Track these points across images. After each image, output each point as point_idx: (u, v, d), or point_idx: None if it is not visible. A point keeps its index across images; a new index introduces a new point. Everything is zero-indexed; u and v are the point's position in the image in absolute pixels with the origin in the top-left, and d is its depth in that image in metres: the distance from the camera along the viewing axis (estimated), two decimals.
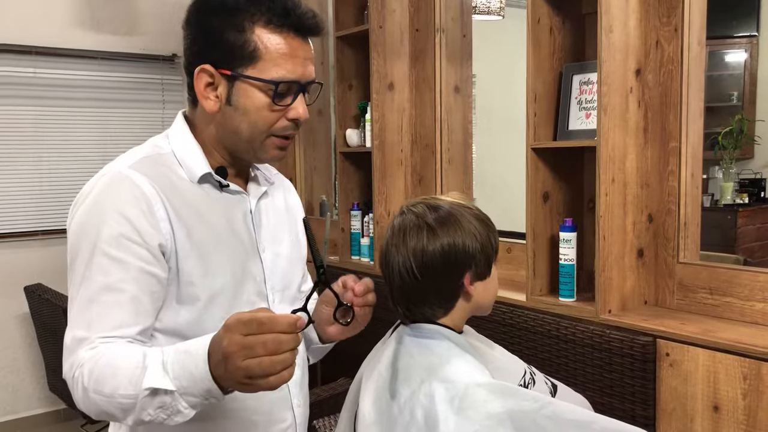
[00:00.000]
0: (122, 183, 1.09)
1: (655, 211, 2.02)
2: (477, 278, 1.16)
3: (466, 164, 2.95)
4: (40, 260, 3.75)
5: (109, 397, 0.97)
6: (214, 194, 1.18)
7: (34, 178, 3.73)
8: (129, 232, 1.06)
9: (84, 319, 1.05)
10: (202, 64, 1.11)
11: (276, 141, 1.15)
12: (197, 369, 0.92)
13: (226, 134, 1.16)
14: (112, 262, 1.05)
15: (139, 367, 0.95)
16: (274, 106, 1.11)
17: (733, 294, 1.85)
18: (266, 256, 1.22)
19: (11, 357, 3.72)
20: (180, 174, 1.15)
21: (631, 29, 1.94)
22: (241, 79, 1.10)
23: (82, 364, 1.01)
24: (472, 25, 2.94)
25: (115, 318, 1.04)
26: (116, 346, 1.02)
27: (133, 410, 0.96)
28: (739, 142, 4.69)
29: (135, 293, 1.06)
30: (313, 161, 3.76)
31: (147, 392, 0.94)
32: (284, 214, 1.32)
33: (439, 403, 1.05)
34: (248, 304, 1.17)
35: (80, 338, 1.04)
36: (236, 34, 1.09)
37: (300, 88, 1.13)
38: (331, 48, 3.45)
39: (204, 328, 1.06)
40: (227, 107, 1.13)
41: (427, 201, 1.17)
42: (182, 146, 1.17)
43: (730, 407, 1.66)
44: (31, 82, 3.67)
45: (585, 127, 2.07)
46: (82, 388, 1.00)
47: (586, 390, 1.89)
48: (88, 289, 1.05)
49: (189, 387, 0.93)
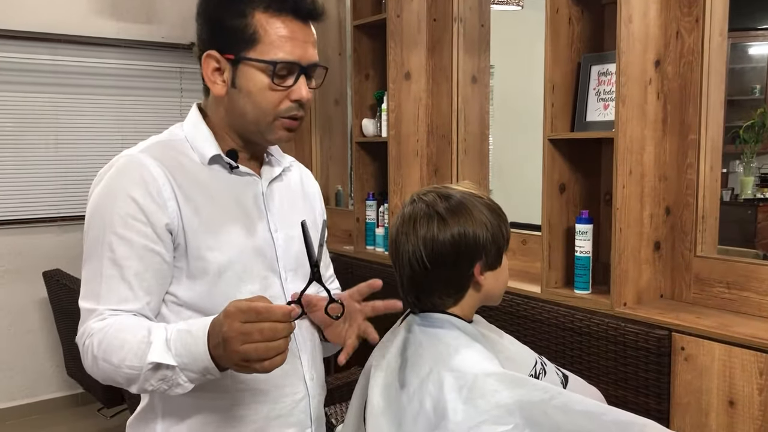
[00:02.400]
0: (132, 165, 1.16)
1: (672, 204, 2.00)
2: (487, 268, 1.15)
3: (483, 155, 2.94)
4: (58, 246, 3.80)
5: (116, 367, 1.06)
6: (224, 175, 1.23)
7: (53, 164, 3.77)
8: (135, 212, 1.13)
9: (93, 292, 1.13)
10: (209, 50, 1.18)
11: (284, 122, 1.19)
12: (197, 348, 1.00)
13: (234, 117, 1.21)
14: (119, 240, 1.12)
15: (145, 342, 1.04)
16: (275, 86, 1.16)
17: (751, 288, 1.83)
18: (278, 236, 1.26)
19: (30, 341, 3.77)
20: (191, 157, 1.21)
21: (650, 19, 1.91)
22: (243, 62, 1.15)
23: (92, 334, 1.10)
24: (491, 14, 2.91)
25: (121, 292, 1.12)
26: (124, 319, 1.11)
27: (137, 380, 1.05)
28: (760, 136, 4.63)
29: (138, 270, 1.13)
30: (329, 151, 3.77)
31: (150, 366, 1.02)
32: (300, 198, 1.37)
33: (448, 392, 1.04)
34: (259, 278, 1.22)
35: (90, 309, 1.13)
36: (238, 20, 1.15)
37: (301, 70, 1.17)
38: (348, 37, 3.45)
39: (215, 301, 1.13)
40: (233, 90, 1.18)
41: (438, 190, 1.17)
42: (194, 131, 1.24)
43: (745, 402, 1.65)
44: (50, 70, 3.69)
45: (603, 119, 2.05)
46: (92, 356, 1.09)
47: (600, 383, 1.88)
48: (97, 265, 1.13)
49: (189, 364, 1.02)
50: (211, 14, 1.19)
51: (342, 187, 3.77)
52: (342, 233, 3.47)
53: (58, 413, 3.79)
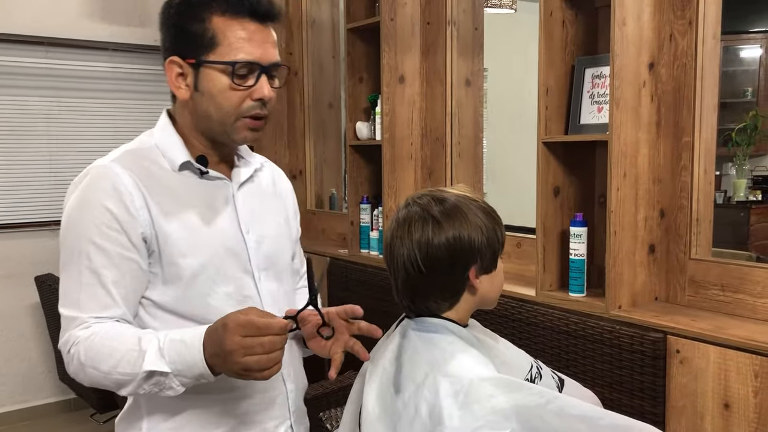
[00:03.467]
0: (104, 176, 1.19)
1: (667, 207, 2.00)
2: (483, 272, 1.14)
3: (477, 158, 2.93)
4: (50, 251, 3.77)
5: (106, 374, 1.12)
6: (195, 181, 1.26)
7: (46, 168, 3.75)
8: (110, 222, 1.17)
9: (73, 300, 1.17)
10: (172, 56, 1.22)
11: (247, 122, 1.22)
12: (192, 357, 1.08)
13: (199, 120, 1.25)
14: (96, 249, 1.16)
15: (136, 350, 1.10)
16: (236, 86, 1.19)
17: (746, 291, 1.83)
18: (250, 237, 1.29)
19: (22, 346, 3.75)
20: (161, 164, 1.24)
21: (644, 22, 1.91)
22: (204, 65, 1.19)
23: (77, 342, 1.14)
24: (484, 18, 2.92)
25: (100, 299, 1.16)
26: (109, 327, 1.15)
27: (127, 385, 1.11)
28: (752, 138, 4.65)
29: (116, 277, 1.17)
30: (323, 154, 3.76)
31: (145, 374, 1.09)
32: (272, 198, 1.41)
33: (443, 397, 1.03)
34: (233, 279, 1.25)
35: (72, 317, 1.17)
36: (197, 25, 1.19)
37: (262, 70, 1.20)
38: (342, 40, 3.45)
39: (192, 303, 1.21)
40: (196, 93, 1.22)
41: (432, 193, 1.16)
42: (163, 138, 1.27)
43: (741, 405, 1.64)
44: (43, 73, 3.68)
45: (597, 122, 2.05)
46: (78, 363, 1.14)
47: (595, 386, 1.88)
48: (76, 274, 1.17)
49: (183, 371, 1.09)
50: (172, 21, 1.23)
51: (336, 190, 3.77)
52: (336, 237, 3.47)
53: (50, 419, 3.77)
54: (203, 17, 1.19)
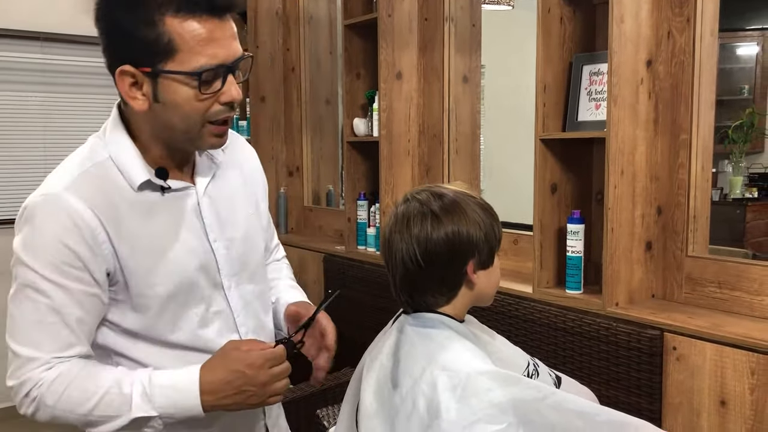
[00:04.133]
0: (60, 210, 1.09)
1: (664, 204, 2.00)
2: (480, 267, 1.15)
3: (474, 155, 2.93)
4: None
5: (81, 416, 1.10)
6: (157, 199, 1.16)
7: (41, 164, 3.74)
8: (71, 260, 1.09)
9: (30, 339, 1.10)
10: (122, 65, 1.07)
11: (212, 129, 1.12)
12: (188, 402, 1.09)
13: (160, 129, 1.14)
14: (55, 288, 1.09)
15: (115, 393, 1.09)
16: (202, 96, 1.07)
17: (742, 288, 1.83)
18: (218, 246, 1.23)
19: None
20: (119, 183, 1.14)
21: (642, 19, 1.91)
22: (162, 76, 1.06)
23: (40, 384, 1.09)
24: (482, 14, 2.91)
25: (63, 339, 1.10)
26: (76, 367, 1.11)
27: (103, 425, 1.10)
28: (749, 135, 4.66)
29: (80, 315, 1.11)
30: (320, 150, 3.75)
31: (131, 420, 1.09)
32: (240, 190, 1.30)
33: (441, 391, 1.04)
34: (203, 299, 1.21)
35: (30, 357, 1.10)
36: (148, 29, 1.04)
37: (227, 70, 1.08)
38: (339, 37, 3.44)
39: (158, 330, 1.17)
40: (156, 104, 1.09)
41: (431, 189, 1.17)
42: (118, 151, 1.15)
43: (737, 402, 1.65)
44: (39, 68, 3.67)
45: (594, 119, 2.05)
46: (43, 405, 1.10)
47: (592, 383, 1.88)
48: (33, 311, 1.10)
49: (173, 413, 1.10)
50: (116, 23, 1.07)
51: (333, 186, 3.76)
52: (333, 233, 3.46)
53: None
54: (153, 20, 1.03)
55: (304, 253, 3.25)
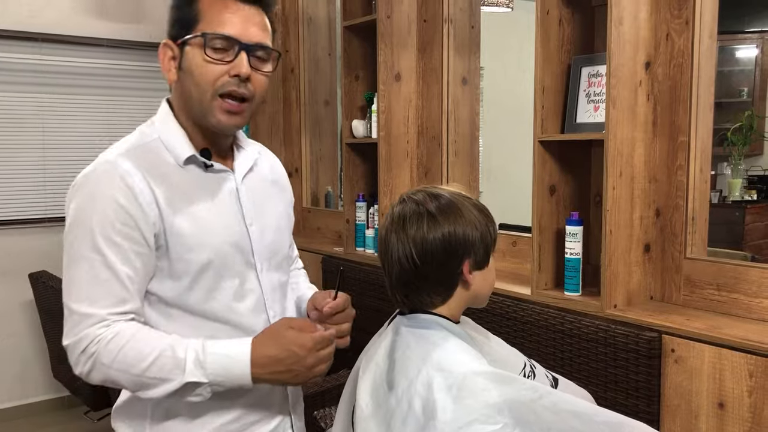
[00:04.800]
0: (114, 172, 1.17)
1: (662, 206, 2.00)
2: (476, 267, 1.15)
3: (473, 157, 2.93)
4: (44, 247, 3.76)
5: (135, 376, 1.12)
6: (200, 174, 1.25)
7: (39, 165, 3.73)
8: (123, 218, 1.15)
9: (86, 295, 1.14)
10: (164, 40, 1.23)
11: (222, 103, 1.20)
12: (240, 371, 1.13)
13: (185, 103, 1.24)
14: (108, 245, 1.15)
15: (169, 356, 1.12)
16: (209, 58, 1.17)
17: (741, 290, 1.83)
18: (253, 229, 1.30)
19: (16, 344, 3.73)
20: (167, 159, 1.23)
21: (641, 21, 1.91)
22: (187, 44, 1.19)
23: (97, 341, 1.12)
24: (481, 16, 2.91)
25: (117, 294, 1.15)
26: (135, 328, 1.15)
27: (154, 389, 1.12)
28: (748, 138, 4.66)
29: (132, 272, 1.16)
30: (319, 152, 3.75)
31: (183, 384, 1.11)
32: (271, 187, 1.41)
33: (437, 391, 1.04)
34: (237, 274, 1.26)
35: (88, 314, 1.14)
36: (187, 8, 1.20)
37: (242, 47, 1.18)
38: (338, 38, 3.44)
39: (195, 298, 1.21)
40: (180, 73, 1.22)
41: (427, 189, 1.17)
42: (167, 131, 1.25)
43: (735, 404, 1.65)
44: (36, 69, 3.66)
45: (593, 120, 2.05)
46: (99, 363, 1.12)
47: (590, 385, 1.88)
48: (89, 269, 1.15)
49: (223, 382, 1.13)
50: (170, 7, 1.24)
51: (332, 188, 3.76)
52: (332, 234, 3.46)
53: (43, 416, 3.76)
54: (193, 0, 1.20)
55: (302, 254, 3.20)
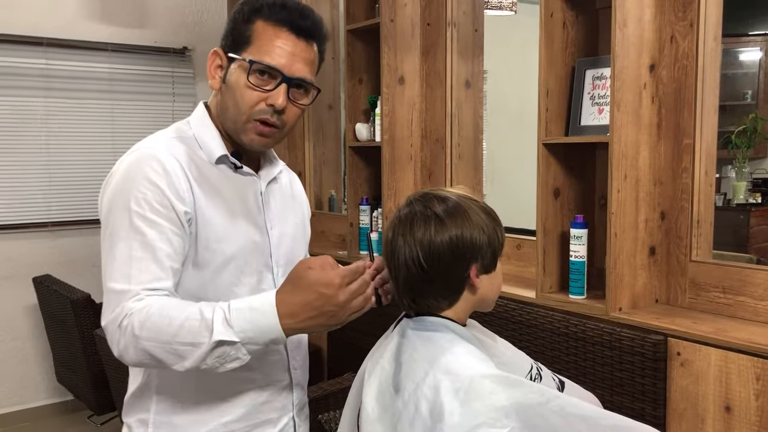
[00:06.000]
0: (151, 157, 1.20)
1: (667, 209, 2.00)
2: (483, 271, 1.14)
3: (477, 160, 2.93)
4: (48, 251, 3.77)
5: (165, 344, 1.09)
6: (230, 174, 1.30)
7: (44, 169, 3.74)
8: (161, 198, 1.18)
9: (123, 274, 1.15)
10: (216, 48, 1.29)
11: (256, 126, 1.25)
12: (267, 322, 1.08)
13: (221, 112, 1.29)
14: (146, 224, 1.16)
15: (197, 319, 1.08)
16: (250, 84, 1.22)
17: (747, 293, 1.82)
18: (273, 233, 1.34)
19: (19, 348, 3.73)
20: (200, 155, 1.28)
21: (645, 24, 1.91)
22: (235, 61, 1.24)
23: (131, 314, 1.11)
24: (484, 20, 2.91)
25: (153, 272, 1.16)
26: (164, 300, 1.14)
27: (189, 357, 1.08)
28: (752, 141, 4.64)
29: (168, 251, 1.17)
30: (322, 155, 3.75)
31: (213, 344, 1.07)
32: (290, 199, 1.46)
33: (444, 394, 1.03)
34: (256, 272, 1.30)
35: (122, 290, 1.14)
36: (244, 25, 1.25)
37: (284, 79, 1.23)
38: (341, 41, 3.44)
39: (217, 290, 1.23)
40: (223, 85, 1.27)
41: (434, 192, 1.16)
42: (202, 130, 1.30)
43: (742, 408, 1.64)
44: (41, 74, 3.67)
45: (597, 123, 2.05)
46: (131, 336, 1.11)
47: (595, 388, 1.87)
48: (126, 248, 1.16)
49: (255, 338, 1.09)
50: (231, 17, 1.29)
51: (335, 191, 3.76)
52: (336, 238, 3.46)
53: (47, 421, 3.76)
54: (251, 18, 1.24)
55: None
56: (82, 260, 3.85)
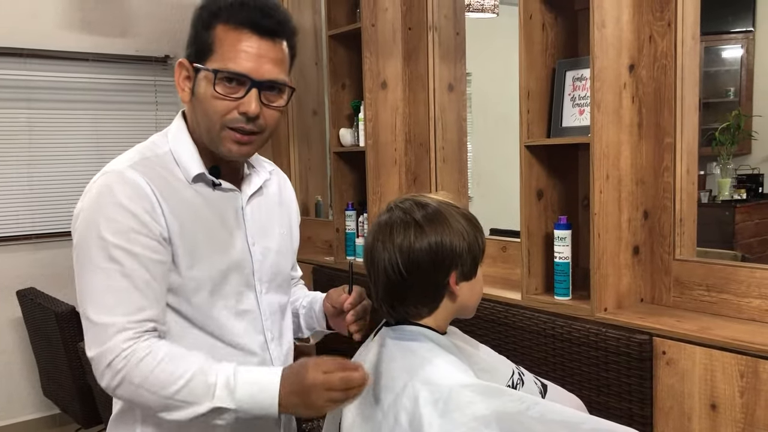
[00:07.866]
0: (124, 181, 1.16)
1: (650, 208, 2.00)
2: (463, 278, 1.13)
3: (461, 163, 2.93)
4: (32, 264, 3.73)
5: (164, 398, 1.09)
6: (207, 192, 1.24)
7: (26, 181, 3.70)
8: (136, 225, 1.14)
9: (103, 305, 1.13)
10: (181, 59, 1.22)
11: (231, 134, 1.19)
12: (267, 400, 1.08)
13: (196, 125, 1.23)
14: (123, 254, 1.13)
15: (202, 380, 1.09)
16: (217, 95, 1.16)
17: (730, 291, 1.83)
18: (255, 249, 1.29)
19: (4, 362, 3.69)
20: (176, 173, 1.22)
21: (624, 24, 1.91)
22: (200, 71, 1.18)
23: (125, 356, 1.10)
24: (466, 23, 2.91)
25: (135, 302, 1.13)
26: (166, 349, 1.12)
27: (182, 411, 1.09)
28: (736, 137, 4.68)
29: (148, 279, 1.14)
30: (307, 161, 3.74)
31: (211, 408, 1.08)
32: (277, 208, 1.39)
33: (423, 405, 1.02)
34: (234, 294, 1.25)
35: (108, 323, 1.12)
36: (205, 32, 1.18)
37: (253, 84, 1.16)
38: (323, 47, 3.44)
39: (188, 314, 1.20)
40: (193, 97, 1.21)
41: (415, 198, 1.15)
42: (179, 146, 1.25)
43: (727, 405, 1.64)
44: (21, 85, 3.64)
45: (579, 124, 2.05)
46: (126, 381, 1.10)
47: (582, 389, 1.87)
48: (103, 279, 1.13)
49: (249, 410, 1.09)
50: (192, 24, 1.23)
51: (321, 197, 3.75)
52: (322, 244, 3.45)
53: None
54: (210, 24, 1.18)
55: None
56: (66, 272, 3.79)
